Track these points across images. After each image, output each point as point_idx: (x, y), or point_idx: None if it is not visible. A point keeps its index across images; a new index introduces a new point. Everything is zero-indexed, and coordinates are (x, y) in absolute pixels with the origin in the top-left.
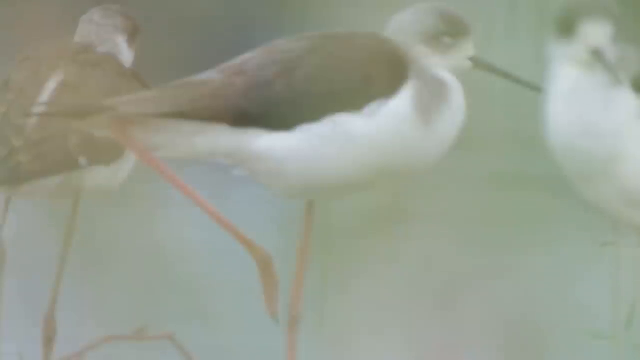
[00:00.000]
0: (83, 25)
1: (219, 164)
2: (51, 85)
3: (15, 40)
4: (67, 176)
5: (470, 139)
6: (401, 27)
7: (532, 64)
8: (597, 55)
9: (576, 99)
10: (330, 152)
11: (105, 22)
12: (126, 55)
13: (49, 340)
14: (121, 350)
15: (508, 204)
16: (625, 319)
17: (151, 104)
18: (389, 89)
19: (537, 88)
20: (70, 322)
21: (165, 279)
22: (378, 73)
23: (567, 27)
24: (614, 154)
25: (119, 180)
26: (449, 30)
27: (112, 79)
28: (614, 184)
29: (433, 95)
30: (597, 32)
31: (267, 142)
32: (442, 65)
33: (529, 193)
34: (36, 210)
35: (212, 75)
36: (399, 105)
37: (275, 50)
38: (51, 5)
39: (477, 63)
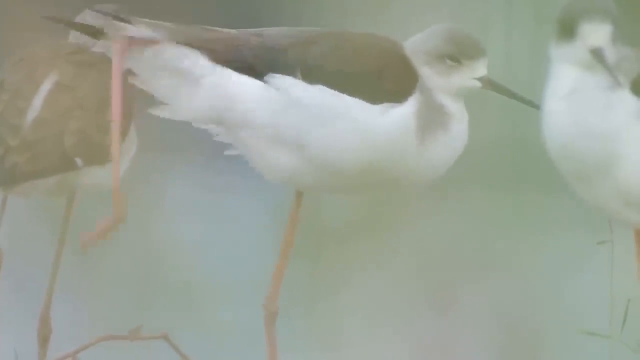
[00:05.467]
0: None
1: (217, 163)
2: (46, 86)
3: (8, 41)
4: (62, 176)
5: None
6: (411, 47)
7: (528, 62)
8: (596, 55)
9: (575, 99)
10: (333, 127)
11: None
12: None
13: (44, 339)
14: (116, 350)
15: (503, 203)
16: (620, 317)
17: (165, 32)
18: (399, 92)
19: (537, 107)
20: (65, 322)
21: (160, 279)
22: (390, 71)
23: (567, 29)
24: (611, 154)
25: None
26: (453, 52)
27: (108, 79)
28: (611, 184)
29: (431, 118)
30: (596, 33)
31: (279, 84)
32: (446, 87)
33: (524, 192)
34: (30, 209)
35: (232, 31)
36: (404, 115)
37: (295, 29)
38: (44, 6)
39: (486, 84)
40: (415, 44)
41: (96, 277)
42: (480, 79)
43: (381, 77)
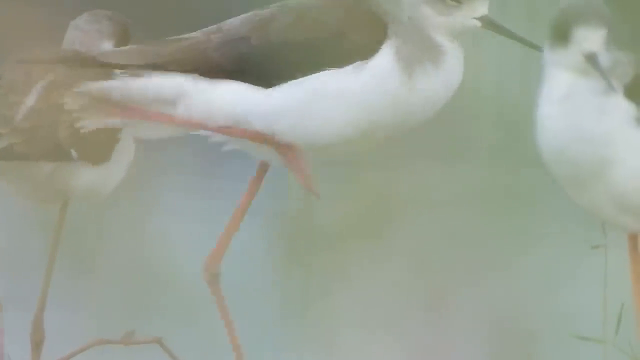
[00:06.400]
0: (70, 32)
1: (211, 168)
2: (41, 85)
3: (5, 44)
4: (56, 166)
5: (459, 143)
6: None
7: (522, 63)
8: (590, 60)
9: (570, 104)
10: (320, 108)
11: (90, 27)
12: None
13: (37, 344)
14: (109, 354)
15: (497, 207)
16: (614, 322)
17: (129, 56)
18: (366, 47)
19: (539, 48)
20: (59, 326)
21: (154, 283)
22: (353, 30)
23: (562, 34)
24: (605, 159)
25: (107, 186)
26: None
27: None
28: (605, 188)
29: (416, 51)
30: (591, 38)
31: (254, 103)
32: (446, 26)
33: (518, 196)
34: (24, 213)
35: (194, 34)
36: (381, 63)
37: (253, 14)
38: (42, 11)
39: (486, 24)
40: None
41: (89, 282)
42: (480, 19)
43: (345, 38)
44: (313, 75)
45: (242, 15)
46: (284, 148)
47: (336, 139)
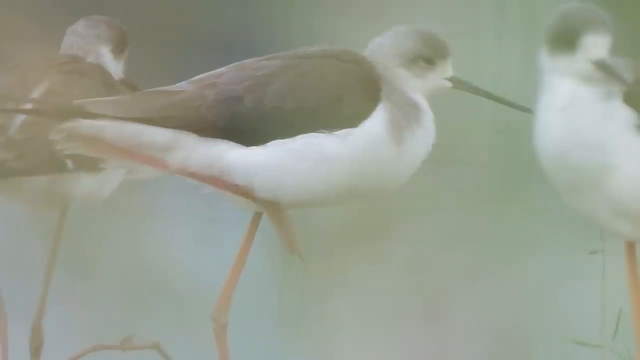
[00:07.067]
0: (67, 37)
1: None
2: (37, 93)
3: (2, 50)
4: (52, 179)
5: (458, 147)
6: (380, 50)
7: (520, 68)
8: (601, 65)
9: (571, 111)
10: (301, 170)
11: (87, 32)
12: (112, 65)
13: (36, 349)
14: (108, 359)
15: (495, 212)
16: (612, 327)
17: (120, 108)
18: (361, 111)
19: (518, 106)
20: (57, 332)
21: (152, 289)
22: (350, 95)
23: (566, 41)
24: (605, 166)
25: (105, 192)
26: (428, 53)
27: (98, 88)
28: (604, 195)
29: (405, 116)
30: (599, 45)
31: (238, 156)
32: (421, 87)
33: (516, 202)
34: (23, 219)
35: (183, 86)
36: (372, 128)
37: (246, 67)
38: (39, 17)
39: (457, 83)
40: (385, 47)
41: (88, 287)
42: (450, 79)
43: (342, 104)
44: (297, 136)
45: (234, 67)
46: (269, 206)
47: (313, 199)
